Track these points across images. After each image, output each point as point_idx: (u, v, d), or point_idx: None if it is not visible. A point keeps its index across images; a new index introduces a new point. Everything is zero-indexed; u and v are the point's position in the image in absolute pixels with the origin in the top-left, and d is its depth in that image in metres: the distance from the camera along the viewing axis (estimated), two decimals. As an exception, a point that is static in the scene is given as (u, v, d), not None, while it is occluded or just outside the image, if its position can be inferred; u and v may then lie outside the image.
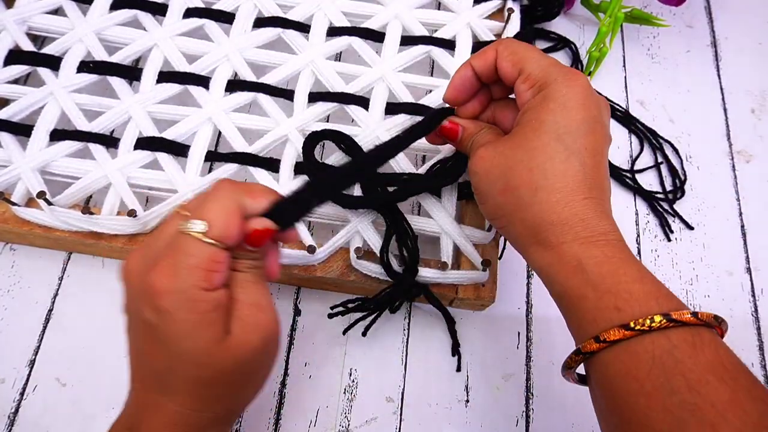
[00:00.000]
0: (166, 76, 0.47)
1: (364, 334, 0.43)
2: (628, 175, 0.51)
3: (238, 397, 0.32)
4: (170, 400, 0.30)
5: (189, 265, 0.28)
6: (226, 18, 0.49)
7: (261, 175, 0.43)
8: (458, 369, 0.44)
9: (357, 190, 0.42)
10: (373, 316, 0.43)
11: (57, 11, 0.50)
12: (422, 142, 0.45)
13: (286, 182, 0.43)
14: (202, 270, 0.28)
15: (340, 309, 0.42)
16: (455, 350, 0.44)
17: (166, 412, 0.30)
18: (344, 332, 0.44)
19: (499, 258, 0.44)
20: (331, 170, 0.38)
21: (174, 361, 0.29)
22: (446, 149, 0.44)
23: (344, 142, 0.43)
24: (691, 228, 0.50)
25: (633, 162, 0.52)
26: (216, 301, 0.29)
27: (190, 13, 0.49)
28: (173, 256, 0.29)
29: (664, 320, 0.27)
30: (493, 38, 0.50)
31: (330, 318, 0.42)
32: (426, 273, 0.41)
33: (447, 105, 0.39)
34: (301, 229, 0.42)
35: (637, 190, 0.51)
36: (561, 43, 0.57)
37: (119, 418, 0.32)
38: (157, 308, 0.28)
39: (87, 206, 0.42)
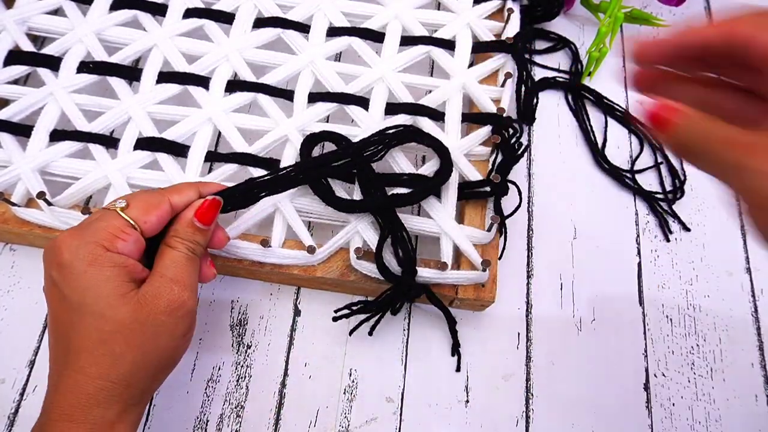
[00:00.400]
0: (165, 77, 0.47)
1: (370, 333, 0.43)
2: (628, 175, 0.51)
3: (138, 366, 0.32)
4: (72, 366, 0.31)
5: (95, 227, 0.32)
6: (226, 18, 0.50)
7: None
8: (458, 369, 0.44)
9: (357, 193, 0.42)
10: (377, 317, 0.43)
11: (57, 11, 0.50)
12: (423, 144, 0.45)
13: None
14: (107, 232, 0.32)
15: (345, 312, 0.42)
16: (455, 350, 0.44)
17: (67, 383, 0.31)
18: (350, 333, 0.44)
19: (499, 258, 0.44)
20: (278, 172, 0.40)
21: (75, 315, 0.31)
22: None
23: (342, 143, 0.43)
24: (688, 229, 0.50)
25: (633, 162, 0.52)
26: (116, 260, 0.32)
27: (190, 13, 0.49)
28: (85, 222, 0.33)
29: None
30: (493, 38, 0.50)
31: (334, 321, 0.42)
32: (426, 273, 0.41)
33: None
34: (301, 229, 0.42)
35: (637, 190, 0.51)
36: (561, 43, 0.57)
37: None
38: (59, 263, 0.31)
39: (87, 206, 0.42)
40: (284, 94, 0.47)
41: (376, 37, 0.49)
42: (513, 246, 0.48)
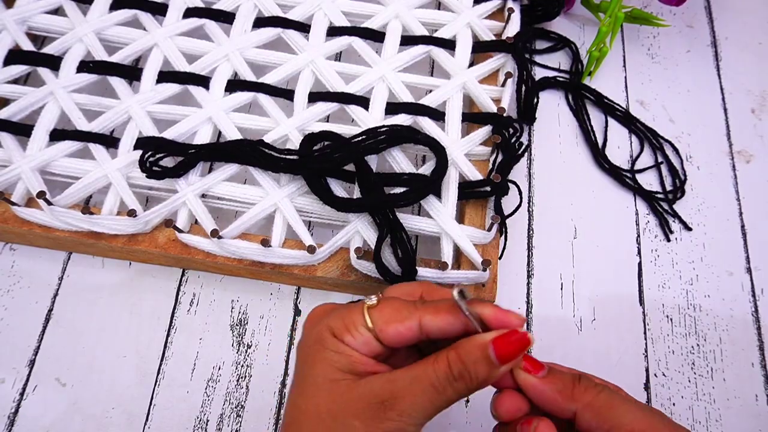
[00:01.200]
0: (166, 76, 0.47)
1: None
2: (628, 175, 0.51)
3: None
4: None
5: (340, 312, 0.31)
6: (226, 18, 0.49)
7: (261, 176, 0.43)
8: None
9: (357, 193, 0.42)
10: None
11: (57, 11, 0.50)
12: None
13: (286, 182, 0.43)
14: (342, 322, 0.30)
15: None
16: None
17: None
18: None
19: (499, 258, 0.44)
20: None
21: (295, 383, 0.31)
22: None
23: (340, 142, 0.43)
24: (689, 229, 0.50)
25: (633, 162, 0.52)
26: (340, 347, 0.30)
27: (190, 13, 0.49)
28: (347, 304, 0.33)
29: None
30: (493, 38, 0.50)
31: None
32: (426, 273, 0.41)
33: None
34: (301, 229, 0.42)
35: (637, 190, 0.51)
36: (561, 43, 0.57)
37: None
38: (303, 329, 0.33)
39: (87, 206, 0.42)
40: (284, 94, 0.47)
41: (376, 36, 0.49)
42: (513, 246, 0.48)
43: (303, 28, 0.49)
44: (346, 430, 0.28)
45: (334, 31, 0.49)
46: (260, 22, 0.49)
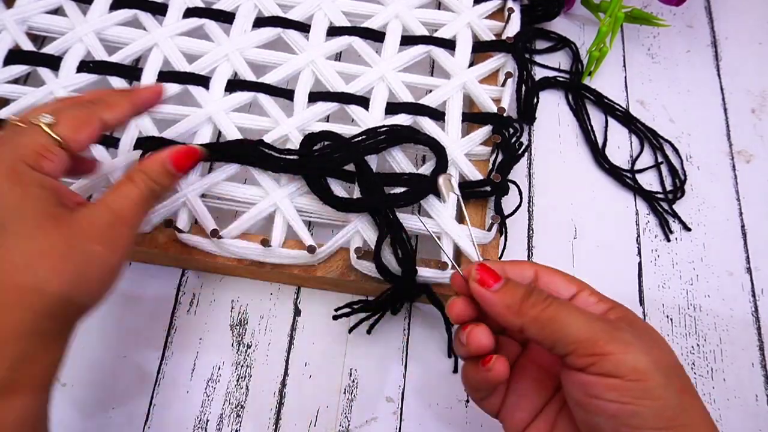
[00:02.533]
0: (166, 76, 0.47)
1: (368, 332, 0.43)
2: (628, 175, 0.51)
3: (63, 296, 0.28)
4: None
5: (16, 143, 0.29)
6: (226, 18, 0.49)
7: (261, 176, 0.43)
8: (455, 370, 0.44)
9: (357, 193, 0.42)
10: (376, 316, 0.43)
11: (57, 11, 0.50)
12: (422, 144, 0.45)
13: (286, 182, 0.43)
14: (31, 150, 0.29)
15: (345, 311, 0.42)
16: (452, 351, 0.44)
17: None
18: (350, 331, 0.44)
19: (499, 258, 0.44)
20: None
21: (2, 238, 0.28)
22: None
23: (340, 142, 0.43)
24: (688, 229, 0.50)
25: (633, 162, 0.52)
26: (44, 181, 0.29)
27: (190, 12, 0.49)
28: (8, 135, 0.30)
29: None
30: (494, 38, 0.50)
31: (335, 320, 0.42)
32: (426, 273, 0.41)
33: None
34: (301, 228, 0.42)
35: (637, 190, 0.51)
36: (561, 43, 0.57)
37: None
38: None
39: (87, 206, 0.42)
40: (284, 94, 0.47)
41: (376, 36, 0.49)
42: (513, 246, 0.48)
43: (303, 28, 0.49)
44: (89, 256, 0.29)
45: (334, 31, 0.49)
46: (260, 21, 0.49)
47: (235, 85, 0.47)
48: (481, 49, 0.50)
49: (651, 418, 0.26)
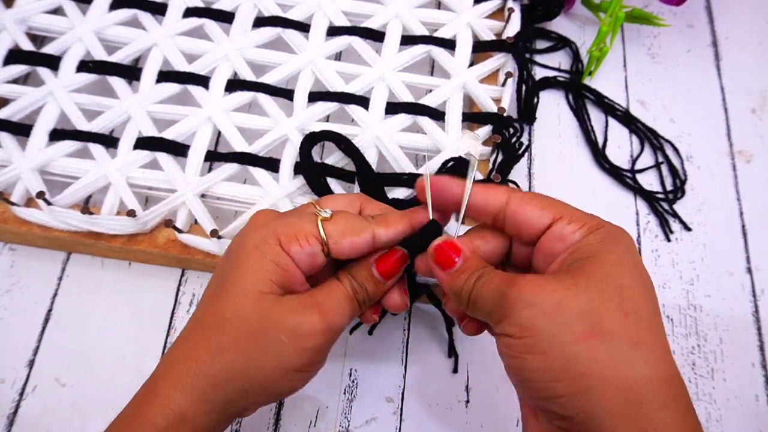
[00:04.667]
0: (165, 76, 0.47)
1: (370, 332, 0.44)
2: (629, 175, 0.51)
3: (233, 372, 0.29)
4: (189, 329, 0.31)
5: (289, 220, 0.31)
6: (225, 18, 0.49)
7: (261, 175, 0.43)
8: (455, 370, 0.44)
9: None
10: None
11: (56, 11, 0.50)
12: (424, 143, 0.45)
13: (286, 182, 0.43)
14: (291, 230, 0.30)
15: None
16: (452, 351, 0.44)
17: (176, 347, 0.31)
18: (351, 332, 0.44)
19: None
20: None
21: (219, 283, 0.31)
22: (449, 150, 0.44)
23: (341, 142, 0.42)
24: (689, 229, 0.50)
25: (633, 162, 0.52)
26: (281, 259, 0.30)
27: (189, 12, 0.49)
28: (293, 210, 0.33)
29: None
30: (494, 38, 0.50)
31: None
32: (426, 273, 0.41)
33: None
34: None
35: (638, 190, 0.51)
36: (561, 42, 0.57)
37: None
38: (242, 231, 0.32)
39: (86, 206, 0.42)
40: (284, 94, 0.47)
41: (376, 36, 0.49)
42: (513, 246, 0.48)
43: (303, 27, 0.49)
44: (273, 344, 0.29)
45: (334, 31, 0.49)
46: (260, 21, 0.49)
47: (234, 85, 0.47)
48: (481, 49, 0.50)
49: (538, 371, 0.26)
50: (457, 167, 0.42)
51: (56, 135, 0.44)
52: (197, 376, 0.29)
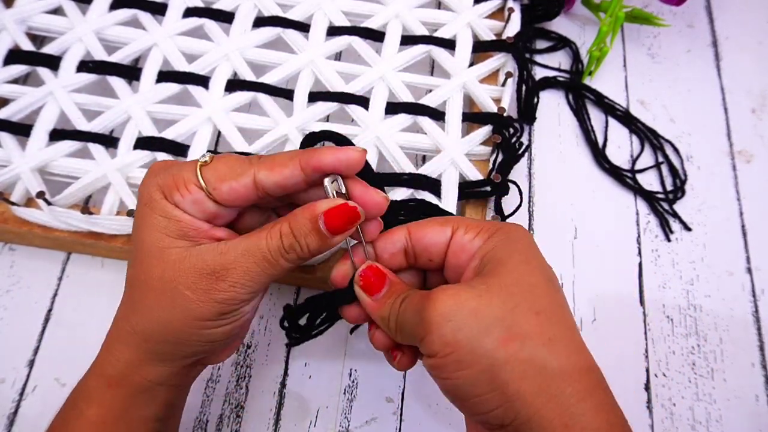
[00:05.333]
0: (165, 76, 0.47)
1: (351, 332, 0.43)
2: (629, 175, 0.51)
3: (153, 326, 0.30)
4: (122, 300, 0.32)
5: (171, 171, 0.30)
6: (225, 18, 0.49)
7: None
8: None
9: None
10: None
11: (56, 11, 0.50)
12: (424, 143, 0.45)
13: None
14: (172, 180, 0.29)
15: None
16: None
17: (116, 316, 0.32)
18: (351, 331, 0.44)
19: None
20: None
21: (134, 248, 0.31)
22: (449, 150, 0.44)
23: (342, 142, 0.42)
24: (689, 229, 0.50)
25: (633, 162, 0.52)
26: (168, 210, 0.29)
27: (189, 12, 0.49)
28: (178, 161, 0.31)
29: None
30: (494, 38, 0.50)
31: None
32: (426, 273, 0.41)
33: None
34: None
35: (638, 190, 0.51)
36: (561, 42, 0.57)
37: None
38: (138, 191, 0.31)
39: (86, 206, 0.42)
40: (284, 94, 0.47)
41: (376, 36, 0.49)
42: (513, 246, 0.48)
43: (303, 27, 0.49)
44: (177, 299, 0.29)
45: (333, 31, 0.49)
46: (260, 21, 0.49)
47: (234, 85, 0.47)
48: (481, 49, 0.50)
49: (468, 387, 0.26)
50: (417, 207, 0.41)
51: (56, 135, 0.44)
52: (129, 332, 0.31)
